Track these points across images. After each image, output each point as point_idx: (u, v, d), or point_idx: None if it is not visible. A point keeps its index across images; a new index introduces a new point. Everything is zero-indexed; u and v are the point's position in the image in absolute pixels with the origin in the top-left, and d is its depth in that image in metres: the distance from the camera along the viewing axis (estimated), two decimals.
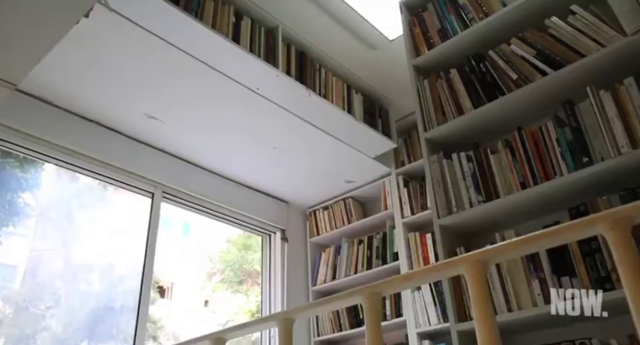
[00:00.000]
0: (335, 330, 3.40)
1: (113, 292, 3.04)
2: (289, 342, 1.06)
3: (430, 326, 2.92)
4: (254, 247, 4.34)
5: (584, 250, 1.50)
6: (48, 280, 2.91)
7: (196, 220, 3.81)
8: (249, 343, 4.75)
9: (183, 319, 6.14)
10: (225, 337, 1.19)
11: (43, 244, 3.01)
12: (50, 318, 2.87)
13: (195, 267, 6.42)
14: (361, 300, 0.97)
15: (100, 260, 3.05)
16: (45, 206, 2.92)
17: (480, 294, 0.83)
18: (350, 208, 3.67)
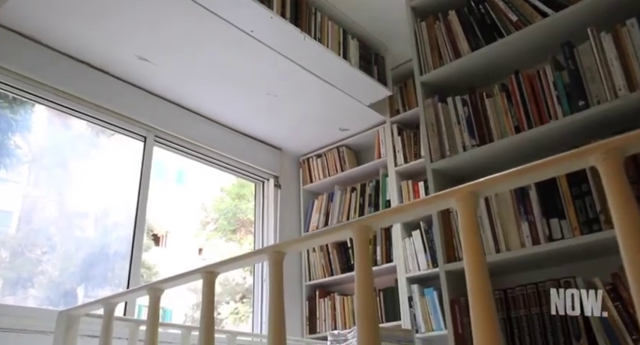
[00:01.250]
0: (326, 274, 3.46)
1: (108, 238, 3.06)
2: (280, 275, 1.07)
3: (419, 271, 2.99)
4: (247, 196, 4.36)
5: (575, 192, 1.51)
6: (43, 225, 2.93)
7: (190, 169, 3.81)
8: (243, 291, 4.85)
9: (178, 266, 6.24)
10: (217, 270, 1.20)
11: (37, 190, 3.01)
12: (46, 263, 2.90)
13: (189, 216, 6.47)
14: (351, 234, 0.97)
15: (94, 207, 3.06)
16: (37, 153, 2.90)
17: (470, 226, 0.83)
18: (343, 156, 3.67)
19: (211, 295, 1.18)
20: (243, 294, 5.72)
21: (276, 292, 1.04)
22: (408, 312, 2.96)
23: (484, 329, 0.72)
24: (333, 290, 3.49)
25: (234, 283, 6.29)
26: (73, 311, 1.52)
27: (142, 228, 2.88)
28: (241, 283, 5.96)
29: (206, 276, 1.19)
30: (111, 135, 3.11)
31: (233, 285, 6.27)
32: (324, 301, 3.42)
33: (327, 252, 3.51)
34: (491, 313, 0.75)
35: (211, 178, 5.72)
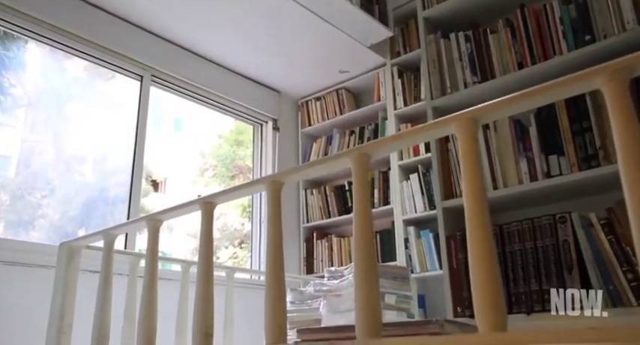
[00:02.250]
0: (324, 217, 3.51)
1: (106, 182, 3.07)
2: (278, 206, 1.07)
3: (416, 213, 3.02)
4: (246, 143, 4.35)
5: (575, 129, 1.50)
6: (41, 170, 2.93)
7: (188, 116, 3.77)
8: (242, 236, 4.90)
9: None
10: (215, 201, 1.21)
11: (35, 135, 2.99)
12: (46, 206, 2.92)
13: (187, 163, 6.49)
14: (350, 162, 0.97)
15: (92, 151, 3.06)
16: (33, 96, 2.86)
17: (469, 153, 0.82)
18: (342, 98, 3.63)
19: (210, 226, 1.18)
20: (242, 239, 5.82)
21: (274, 223, 1.04)
22: (403, 253, 3.01)
23: (480, 246, 0.73)
24: (330, 232, 3.54)
25: (233, 228, 6.39)
26: (73, 243, 1.53)
27: (140, 170, 2.89)
28: (240, 229, 6.05)
29: (204, 206, 1.19)
30: (108, 79, 3.07)
31: (232, 230, 6.37)
32: (321, 242, 3.48)
33: (325, 195, 3.54)
34: (487, 233, 0.75)
35: (209, 125, 5.68)
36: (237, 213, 5.96)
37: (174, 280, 2.18)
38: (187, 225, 5.48)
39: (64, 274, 1.50)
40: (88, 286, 1.52)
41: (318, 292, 1.80)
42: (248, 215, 3.92)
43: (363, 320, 0.85)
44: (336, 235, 3.47)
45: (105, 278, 1.39)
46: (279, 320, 0.98)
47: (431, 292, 2.93)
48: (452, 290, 1.58)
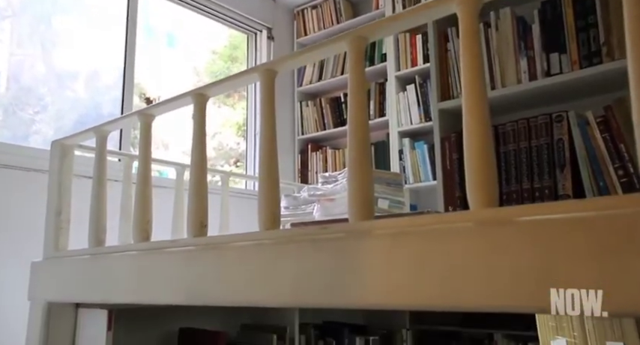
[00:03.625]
0: (319, 129, 3.49)
1: (100, 99, 3.02)
2: (271, 95, 1.05)
3: (412, 125, 3.01)
4: (240, 59, 4.22)
5: (580, 25, 1.45)
6: (32, 85, 2.85)
7: (181, 31, 3.63)
8: (237, 155, 4.91)
9: (171, 129, 6.26)
10: (207, 93, 1.18)
11: (22, 49, 2.88)
12: (40, 122, 2.89)
13: (181, 80, 6.35)
14: (345, 46, 0.93)
15: (83, 67, 2.97)
16: (18, 8, 2.72)
17: (470, 33, 0.79)
18: (340, 7, 3.49)
19: (203, 120, 1.17)
20: (237, 158, 5.84)
21: (267, 115, 1.03)
22: (398, 165, 3.03)
23: (476, 122, 0.72)
24: (325, 144, 3.54)
25: (228, 147, 6.39)
26: (66, 141, 1.52)
27: (131, 86, 2.84)
28: (235, 148, 6.06)
29: (197, 98, 1.17)
30: None
31: (227, 150, 6.38)
32: (316, 154, 3.49)
33: (321, 107, 3.50)
34: (483, 110, 0.74)
35: (202, 41, 5.51)
36: (232, 132, 5.95)
37: (169, 188, 2.20)
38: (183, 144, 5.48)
39: (57, 171, 1.50)
40: (84, 190, 1.52)
41: (312, 196, 1.82)
42: (243, 134, 3.91)
43: (355, 203, 0.86)
44: (331, 148, 3.48)
45: (99, 177, 1.39)
46: (273, 208, 0.99)
47: (423, 202, 2.98)
48: (444, 190, 1.59)
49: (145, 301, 1.17)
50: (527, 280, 0.63)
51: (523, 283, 0.63)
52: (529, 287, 0.63)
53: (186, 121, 6.76)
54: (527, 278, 0.63)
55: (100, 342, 1.33)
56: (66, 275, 1.37)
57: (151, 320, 1.66)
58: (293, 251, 0.88)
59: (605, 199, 0.65)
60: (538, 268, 0.62)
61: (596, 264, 0.59)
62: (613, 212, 0.59)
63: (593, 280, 0.58)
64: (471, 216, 0.72)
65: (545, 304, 0.62)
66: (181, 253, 1.08)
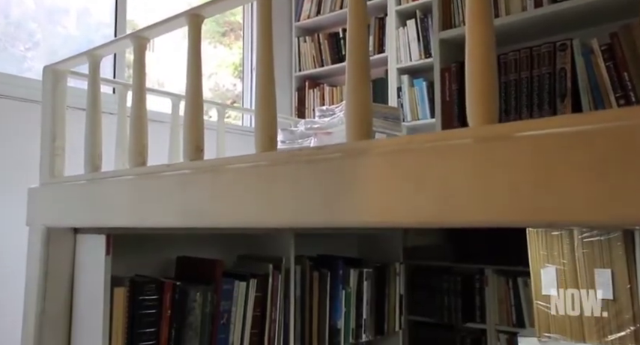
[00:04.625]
0: (316, 65, 3.43)
1: (92, 36, 2.94)
2: (269, 12, 1.02)
3: (411, 62, 2.95)
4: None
5: None
6: (22, 20, 2.76)
7: None
8: (234, 96, 4.84)
9: (167, 69, 6.16)
10: (202, 13, 1.14)
11: None
12: (32, 59, 2.83)
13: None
14: None
15: (74, 3, 2.87)
16: None
17: None
18: None
19: (198, 42, 1.13)
20: (234, 100, 5.78)
21: (264, 32, 1.00)
22: (396, 102, 3.00)
23: (479, 37, 0.70)
24: (322, 81, 3.49)
25: (225, 88, 6.32)
26: (58, 66, 1.49)
27: (123, 24, 2.75)
28: (231, 89, 5.99)
29: (191, 19, 1.13)
30: None
31: (223, 91, 6.31)
32: (313, 91, 3.45)
33: (319, 42, 3.42)
34: (488, 27, 0.71)
35: None
36: (228, 73, 5.85)
37: (165, 123, 2.18)
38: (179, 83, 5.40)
39: (51, 97, 1.47)
40: (80, 122, 1.50)
41: (308, 130, 1.80)
42: (239, 75, 3.84)
43: (353, 122, 0.85)
44: (329, 85, 3.43)
45: (93, 102, 1.37)
46: (269, 131, 0.98)
47: None
48: (442, 125, 1.58)
49: (141, 225, 1.19)
50: (526, 194, 0.63)
51: (521, 198, 0.63)
52: (528, 201, 0.63)
53: (181, 61, 6.63)
54: (525, 193, 0.63)
55: (99, 266, 1.36)
56: (63, 201, 1.38)
57: (149, 248, 1.68)
58: (289, 172, 0.88)
59: (605, 113, 0.64)
60: (537, 182, 0.62)
61: (596, 176, 0.58)
62: (613, 124, 0.58)
63: (592, 192, 0.58)
64: (470, 132, 0.72)
65: (542, 217, 0.62)
66: (177, 177, 1.08)
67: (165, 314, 1.46)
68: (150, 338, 1.44)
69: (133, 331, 1.41)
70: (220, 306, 1.58)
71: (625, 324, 1.25)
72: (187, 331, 1.50)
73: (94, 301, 1.36)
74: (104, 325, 1.35)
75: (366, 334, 2.09)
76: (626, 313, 1.25)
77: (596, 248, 1.31)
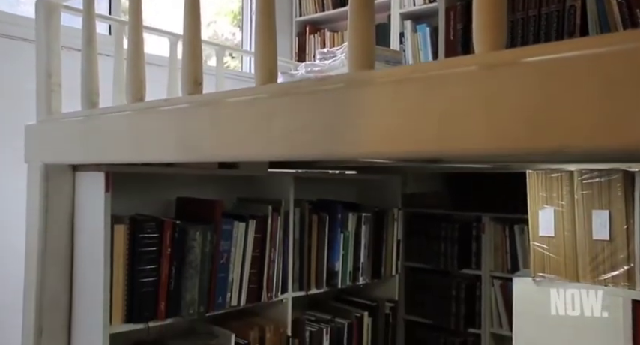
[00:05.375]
0: (317, 10, 3.34)
1: None
2: None
3: (414, 6, 2.87)
4: None
5: None
6: None
7: None
8: (232, 45, 4.74)
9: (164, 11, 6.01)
10: None
11: None
12: (25, 4, 2.74)
13: None
14: None
15: None
16: None
17: None
18: None
19: None
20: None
21: None
22: (398, 48, 2.94)
23: None
24: (323, 27, 3.41)
25: (224, 38, 6.19)
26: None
27: None
28: (230, 39, 5.86)
29: None
30: None
31: (222, 40, 6.18)
32: (313, 37, 3.37)
33: None
34: None
35: None
36: (227, 21, 5.71)
37: (163, 66, 2.14)
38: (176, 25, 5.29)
39: (44, 32, 1.44)
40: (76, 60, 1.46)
41: (309, 72, 1.77)
42: (238, 24, 3.74)
43: (356, 51, 0.82)
44: (330, 30, 3.35)
45: (88, 37, 1.34)
46: (269, 64, 0.95)
47: None
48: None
49: (139, 160, 1.18)
50: (532, 120, 0.62)
51: (527, 124, 0.62)
52: (534, 127, 0.62)
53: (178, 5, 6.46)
54: (531, 119, 0.62)
55: (99, 203, 1.36)
56: (61, 137, 1.37)
57: (149, 189, 1.69)
58: (289, 104, 0.87)
59: (613, 36, 0.62)
60: (543, 108, 0.61)
61: (604, 100, 0.57)
62: (621, 47, 0.56)
63: (601, 117, 0.57)
64: (475, 59, 0.69)
65: (549, 144, 0.61)
66: (175, 111, 1.06)
67: (166, 252, 1.48)
68: (151, 275, 1.46)
69: (134, 268, 1.43)
70: (220, 245, 1.59)
71: (619, 264, 1.27)
72: (187, 268, 1.52)
73: (94, 239, 1.37)
74: (105, 262, 1.36)
75: (363, 277, 2.13)
76: (620, 253, 1.27)
77: (596, 190, 1.31)
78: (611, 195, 1.27)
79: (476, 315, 2.58)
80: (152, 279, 1.46)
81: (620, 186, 1.26)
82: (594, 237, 1.30)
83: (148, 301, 1.45)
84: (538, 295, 1.41)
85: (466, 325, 2.59)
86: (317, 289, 1.96)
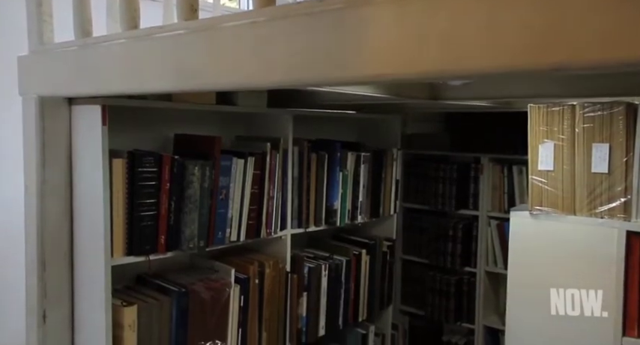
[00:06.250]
0: None
1: None
2: None
3: None
4: None
5: None
6: None
7: None
8: None
9: None
10: None
11: None
12: None
13: None
14: None
15: None
16: None
17: None
18: None
19: None
20: None
21: None
22: None
23: None
24: None
25: None
26: None
27: None
28: None
29: None
30: None
31: None
32: None
33: None
34: None
35: None
36: None
37: (158, 2, 2.07)
38: None
39: None
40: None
41: None
42: None
43: None
44: None
45: None
46: None
47: None
48: None
49: (136, 89, 1.16)
50: (537, 34, 0.60)
51: (532, 38, 0.60)
52: (538, 42, 0.60)
53: None
54: (536, 33, 0.60)
55: (96, 137, 1.35)
56: (54, 69, 1.34)
57: (147, 125, 1.67)
58: (288, 27, 0.84)
59: None
60: (549, 21, 0.59)
61: (613, 10, 0.55)
62: None
63: (608, 28, 0.55)
64: None
65: (553, 59, 0.60)
66: (172, 38, 1.03)
67: (165, 187, 1.49)
68: (150, 209, 1.47)
69: (134, 202, 1.43)
70: (219, 181, 1.60)
71: (616, 196, 1.28)
72: (187, 203, 1.53)
73: (93, 173, 1.37)
74: (105, 196, 1.37)
75: (362, 216, 2.16)
76: (618, 186, 1.27)
77: (597, 123, 1.30)
78: (612, 128, 1.26)
79: (472, 254, 2.64)
80: (151, 213, 1.47)
81: (623, 119, 1.24)
82: (593, 170, 1.30)
83: (148, 234, 1.47)
84: (534, 229, 1.43)
85: (462, 265, 2.65)
86: (316, 227, 1.98)
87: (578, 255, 1.37)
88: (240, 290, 1.69)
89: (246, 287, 1.71)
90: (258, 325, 1.78)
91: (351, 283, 2.12)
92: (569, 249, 1.38)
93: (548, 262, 1.43)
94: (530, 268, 1.50)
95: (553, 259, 1.43)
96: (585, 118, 1.31)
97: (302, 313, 1.94)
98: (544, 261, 1.44)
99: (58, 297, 1.44)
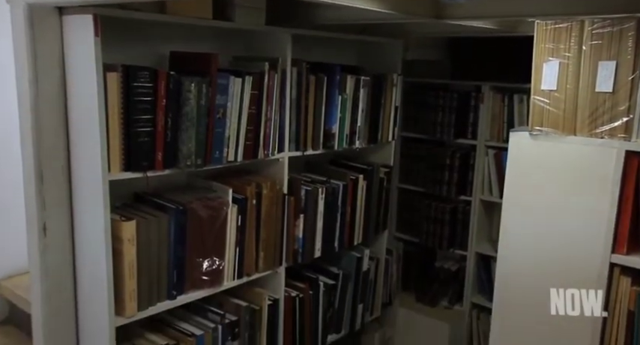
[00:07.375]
0: None
1: None
2: None
3: None
4: None
5: None
6: None
7: None
8: None
9: None
10: None
11: None
12: None
13: None
14: None
15: None
16: None
17: None
18: None
19: None
20: None
21: None
22: None
23: None
24: None
25: None
26: None
27: None
28: None
29: None
30: None
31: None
32: None
33: None
34: None
35: None
36: None
37: None
38: None
39: None
40: None
41: None
42: None
43: None
44: None
45: None
46: None
47: None
48: None
49: None
50: None
51: None
52: None
53: None
54: None
55: (89, 48, 1.31)
56: None
57: (142, 40, 1.62)
58: None
59: None
60: None
61: None
62: None
63: None
64: None
65: None
66: None
67: (161, 103, 1.46)
68: (146, 125, 1.45)
69: (129, 117, 1.41)
70: (215, 100, 1.57)
71: (619, 115, 1.26)
72: (184, 120, 1.51)
73: (87, 86, 1.34)
74: (100, 109, 1.34)
75: (360, 141, 2.15)
76: (622, 105, 1.25)
77: (606, 40, 1.26)
78: (621, 45, 1.22)
79: (468, 183, 2.66)
80: (148, 129, 1.45)
81: (633, 35, 1.20)
82: (597, 89, 1.27)
83: (145, 150, 1.46)
84: (533, 150, 1.42)
85: (457, 193, 2.67)
86: (313, 151, 1.97)
87: (575, 175, 1.37)
88: (237, 210, 1.71)
89: (243, 207, 1.73)
90: (256, 244, 1.81)
91: (348, 207, 2.15)
92: (566, 169, 1.38)
93: (545, 183, 1.43)
94: (525, 189, 1.50)
95: (550, 179, 1.43)
96: (593, 35, 1.27)
97: (298, 235, 1.97)
98: (541, 182, 1.44)
99: (58, 210, 1.45)
